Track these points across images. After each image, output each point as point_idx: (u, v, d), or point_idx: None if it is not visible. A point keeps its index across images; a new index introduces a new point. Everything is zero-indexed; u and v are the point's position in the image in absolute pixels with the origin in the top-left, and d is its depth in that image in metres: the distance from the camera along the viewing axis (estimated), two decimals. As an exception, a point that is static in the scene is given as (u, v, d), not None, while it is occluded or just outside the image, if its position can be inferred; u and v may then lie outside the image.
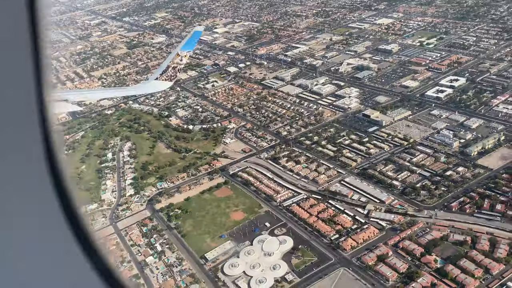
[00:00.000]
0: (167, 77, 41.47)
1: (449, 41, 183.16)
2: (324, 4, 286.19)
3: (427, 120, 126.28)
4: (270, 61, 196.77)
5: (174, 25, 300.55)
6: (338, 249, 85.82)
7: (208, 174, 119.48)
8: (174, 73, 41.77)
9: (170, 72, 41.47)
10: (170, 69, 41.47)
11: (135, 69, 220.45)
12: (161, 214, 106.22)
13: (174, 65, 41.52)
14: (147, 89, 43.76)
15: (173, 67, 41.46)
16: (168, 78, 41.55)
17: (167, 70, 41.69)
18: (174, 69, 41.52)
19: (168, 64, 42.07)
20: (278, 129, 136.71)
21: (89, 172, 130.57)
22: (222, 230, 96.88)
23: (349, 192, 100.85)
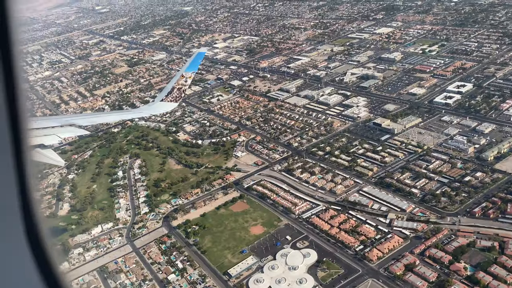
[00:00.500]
0: (173, 98, 42.37)
1: (451, 48, 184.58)
2: (321, 16, 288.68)
3: (439, 127, 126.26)
4: (273, 74, 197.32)
5: (173, 42, 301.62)
6: (365, 260, 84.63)
7: (222, 188, 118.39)
8: (179, 94, 42.67)
9: (176, 93, 42.36)
10: (175, 90, 42.36)
11: (138, 86, 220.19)
12: (179, 231, 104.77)
13: (179, 86, 42.48)
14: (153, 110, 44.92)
15: (178, 88, 42.38)
16: (174, 99, 42.48)
17: (172, 91, 42.52)
18: (179, 90, 42.43)
19: (173, 85, 42.75)
20: (288, 140, 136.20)
21: (101, 191, 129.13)
22: (242, 245, 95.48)
23: (368, 201, 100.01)
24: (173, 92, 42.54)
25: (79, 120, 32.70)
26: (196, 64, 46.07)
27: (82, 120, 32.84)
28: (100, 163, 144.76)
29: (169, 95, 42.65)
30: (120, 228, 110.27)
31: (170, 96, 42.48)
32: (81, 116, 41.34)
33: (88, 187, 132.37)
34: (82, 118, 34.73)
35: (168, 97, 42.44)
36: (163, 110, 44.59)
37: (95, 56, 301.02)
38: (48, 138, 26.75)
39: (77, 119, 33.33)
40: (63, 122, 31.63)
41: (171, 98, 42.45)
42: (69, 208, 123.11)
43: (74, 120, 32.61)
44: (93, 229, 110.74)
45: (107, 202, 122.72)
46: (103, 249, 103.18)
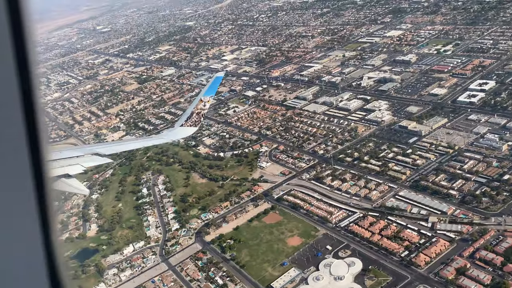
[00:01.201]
0: (192, 123, 43.08)
1: (466, 47, 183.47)
2: (327, 23, 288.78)
3: (467, 126, 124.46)
4: (287, 82, 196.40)
5: (180, 56, 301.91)
6: (412, 266, 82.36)
7: (251, 200, 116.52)
8: (199, 118, 43.39)
9: (195, 117, 43.12)
10: (195, 115, 43.10)
11: (150, 102, 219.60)
12: (213, 246, 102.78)
13: (198, 111, 43.18)
14: (174, 136, 44.42)
15: (197, 112, 43.10)
16: (193, 123, 43.19)
17: (192, 116, 43.21)
18: (198, 115, 43.15)
19: (192, 110, 43.45)
20: (313, 148, 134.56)
21: (128, 210, 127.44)
22: (282, 257, 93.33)
23: (407, 206, 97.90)
24: (192, 117, 43.24)
25: (101, 149, 33.30)
26: (214, 88, 46.62)
27: (105, 149, 33.27)
28: (123, 182, 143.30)
29: (189, 120, 43.34)
30: (152, 246, 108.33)
31: (190, 121, 43.19)
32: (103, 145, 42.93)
33: (113, 206, 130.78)
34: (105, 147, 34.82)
35: (187, 122, 43.19)
36: (184, 135, 45.09)
37: (103, 75, 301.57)
38: (73, 168, 27.48)
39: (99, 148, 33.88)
40: (86, 151, 32.41)
41: (190, 123, 43.18)
42: (97, 228, 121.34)
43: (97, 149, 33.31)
44: (124, 249, 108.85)
45: (135, 220, 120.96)
46: (138, 269, 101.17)
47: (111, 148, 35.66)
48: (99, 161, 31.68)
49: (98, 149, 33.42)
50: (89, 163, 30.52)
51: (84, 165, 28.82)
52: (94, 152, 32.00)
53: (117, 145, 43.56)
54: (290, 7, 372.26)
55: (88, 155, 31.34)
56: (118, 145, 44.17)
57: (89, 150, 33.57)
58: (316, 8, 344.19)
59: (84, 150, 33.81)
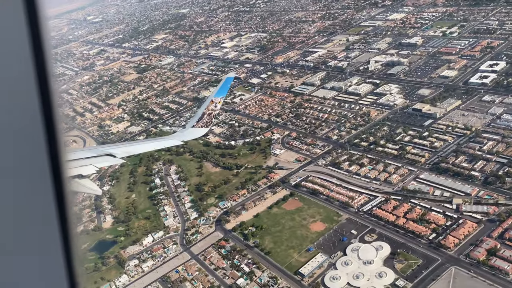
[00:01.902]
0: (203, 124, 42.91)
1: (471, 28, 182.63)
2: (327, 7, 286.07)
3: (481, 107, 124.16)
4: (292, 68, 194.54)
5: (178, 45, 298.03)
6: (441, 248, 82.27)
7: (268, 188, 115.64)
8: (210, 119, 43.21)
9: (206, 118, 42.91)
10: (206, 116, 42.87)
11: (152, 92, 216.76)
12: (235, 233, 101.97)
13: (209, 112, 42.96)
14: (185, 137, 43.68)
15: (208, 113, 42.86)
16: (204, 124, 43.01)
17: (203, 117, 42.97)
18: (209, 116, 42.95)
19: (204, 111, 43.21)
20: (326, 134, 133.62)
21: (142, 201, 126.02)
22: (306, 243, 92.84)
23: (429, 188, 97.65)
24: (203, 118, 42.99)
25: (114, 149, 33.42)
26: (225, 89, 46.32)
27: (117, 150, 33.35)
28: (134, 172, 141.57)
29: (200, 121, 43.09)
30: (172, 236, 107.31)
31: (201, 122, 42.97)
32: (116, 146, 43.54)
33: (127, 198, 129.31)
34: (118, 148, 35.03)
35: (199, 123, 42.98)
36: (195, 136, 44.48)
37: (100, 66, 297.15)
38: (86, 168, 27.71)
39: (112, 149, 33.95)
40: (99, 152, 32.50)
41: (201, 124, 42.95)
42: (112, 220, 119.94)
43: (109, 150, 33.48)
44: (143, 239, 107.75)
45: (151, 210, 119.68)
46: (159, 259, 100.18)
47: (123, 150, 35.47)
48: (112, 161, 32.04)
49: (110, 150, 33.67)
50: (102, 164, 30.93)
51: (97, 165, 29.16)
52: (107, 153, 32.24)
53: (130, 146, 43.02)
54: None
55: (101, 156, 31.47)
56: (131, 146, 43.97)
57: (102, 151, 33.70)
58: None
59: (97, 151, 33.89)
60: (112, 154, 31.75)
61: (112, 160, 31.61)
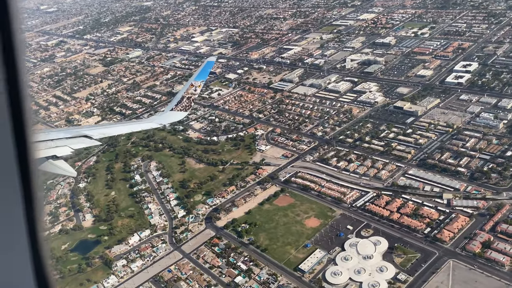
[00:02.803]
0: (182, 107, 42.85)
1: (441, 30, 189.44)
2: (297, 5, 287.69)
3: (460, 106, 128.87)
4: (269, 65, 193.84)
5: (145, 38, 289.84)
6: (437, 242, 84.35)
7: (257, 184, 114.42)
8: (189, 103, 43.09)
9: (185, 102, 42.82)
10: (185, 99, 42.75)
11: (122, 86, 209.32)
12: (227, 231, 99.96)
13: (189, 95, 42.79)
14: (164, 120, 44.12)
15: (188, 97, 42.72)
16: (183, 108, 42.96)
17: (182, 100, 42.82)
18: (188, 99, 42.80)
19: (183, 94, 42.92)
20: (310, 130, 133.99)
21: (123, 198, 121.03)
22: (303, 239, 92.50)
23: (419, 184, 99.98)
24: (182, 101, 42.77)
25: (89, 131, 32.75)
26: (205, 73, 45.56)
27: (93, 131, 32.65)
28: (111, 169, 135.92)
29: (179, 104, 42.81)
30: (160, 235, 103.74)
31: (180, 105, 42.72)
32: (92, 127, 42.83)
33: (106, 195, 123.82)
34: (93, 129, 34.28)
35: (178, 106, 42.69)
36: (174, 119, 44.31)
37: (61, 58, 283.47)
38: (61, 149, 26.91)
39: (87, 130, 33.41)
40: (74, 133, 31.58)
41: (181, 107, 42.72)
42: (93, 218, 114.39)
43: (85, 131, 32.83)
44: (129, 239, 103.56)
45: (134, 208, 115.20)
46: (149, 258, 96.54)
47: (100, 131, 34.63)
48: (87, 143, 31.04)
49: (86, 131, 32.69)
50: (77, 145, 29.70)
51: (73, 146, 28.07)
52: (83, 134, 31.31)
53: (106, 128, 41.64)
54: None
55: (77, 137, 30.47)
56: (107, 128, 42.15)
57: (77, 131, 32.74)
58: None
59: (72, 131, 32.76)
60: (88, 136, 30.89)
61: (88, 142, 30.62)
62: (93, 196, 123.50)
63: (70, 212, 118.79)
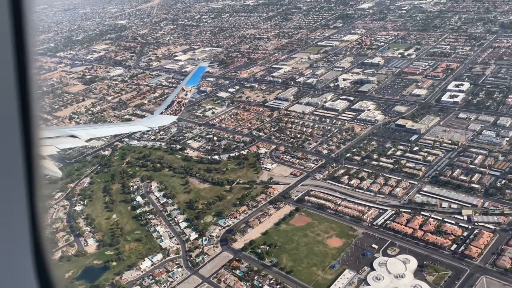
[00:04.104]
0: (172, 111, 42.09)
1: (426, 51, 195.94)
2: (278, 26, 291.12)
3: (460, 123, 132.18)
4: (261, 83, 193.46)
5: (125, 56, 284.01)
6: (465, 258, 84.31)
7: (269, 203, 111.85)
8: (179, 107, 42.40)
9: (175, 106, 42.18)
10: (175, 103, 42.08)
11: (107, 104, 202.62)
12: (246, 253, 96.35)
13: (179, 100, 42.22)
14: (153, 123, 43.27)
15: (178, 101, 42.12)
16: (173, 112, 42.20)
17: (172, 104, 42.13)
18: (179, 104, 42.19)
19: (173, 98, 42.27)
20: (315, 148, 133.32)
21: (126, 221, 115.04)
22: (328, 259, 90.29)
23: (436, 201, 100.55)
24: (173, 105, 42.02)
25: (76, 131, 31.58)
26: (197, 78, 45.11)
27: (80, 132, 31.50)
28: (108, 190, 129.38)
29: (169, 108, 42.07)
30: (173, 259, 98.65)
31: (170, 109, 41.97)
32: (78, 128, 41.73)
33: (107, 218, 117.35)
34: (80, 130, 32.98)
35: (167, 110, 41.95)
36: (163, 123, 43.98)
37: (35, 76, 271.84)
38: (46, 148, 25.79)
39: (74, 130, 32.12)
40: (61, 133, 30.55)
41: (170, 111, 41.99)
42: (96, 243, 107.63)
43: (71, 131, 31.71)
44: (140, 264, 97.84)
45: (141, 232, 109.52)
46: (165, 284, 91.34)
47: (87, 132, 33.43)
48: (74, 143, 30.34)
49: (73, 131, 31.53)
50: (64, 145, 28.88)
51: (59, 146, 26.91)
52: (69, 134, 30.22)
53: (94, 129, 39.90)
54: (232, 10, 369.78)
55: (63, 136, 29.33)
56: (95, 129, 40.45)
57: (64, 131, 31.65)
58: (259, 11, 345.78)
59: (58, 131, 31.58)
60: (75, 136, 29.98)
61: (75, 142, 29.99)
62: (94, 220, 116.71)
63: (70, 237, 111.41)
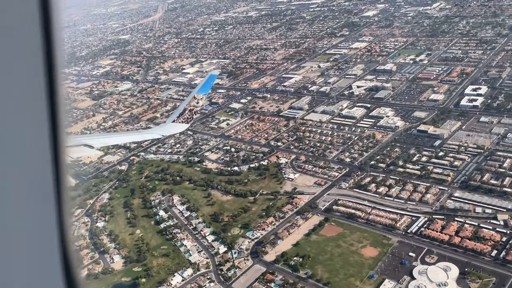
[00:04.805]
0: (184, 119, 42.24)
1: (438, 56, 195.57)
2: (284, 36, 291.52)
3: (482, 127, 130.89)
4: (273, 93, 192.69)
5: (131, 70, 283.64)
6: (508, 264, 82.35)
7: (297, 214, 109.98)
8: (191, 115, 42.59)
9: (187, 114, 42.32)
10: (187, 111, 42.21)
11: (119, 119, 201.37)
12: (278, 265, 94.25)
13: (191, 108, 42.33)
14: (165, 131, 43.96)
15: (190, 109, 42.23)
16: (185, 120, 42.35)
17: (184, 112, 42.29)
18: (190, 112, 42.32)
19: (185, 106, 42.47)
20: (337, 156, 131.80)
21: (151, 236, 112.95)
22: (365, 270, 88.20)
23: (469, 206, 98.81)
24: (184, 114, 42.14)
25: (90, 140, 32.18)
26: (208, 86, 45.33)
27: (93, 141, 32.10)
28: (129, 205, 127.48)
29: (181, 116, 42.24)
30: (204, 273, 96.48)
31: (182, 117, 42.11)
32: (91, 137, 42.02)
33: (131, 234, 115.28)
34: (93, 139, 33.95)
35: (179, 118, 42.10)
36: (175, 131, 44.60)
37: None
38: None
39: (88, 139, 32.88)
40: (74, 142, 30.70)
41: (182, 119, 42.13)
42: (123, 260, 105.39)
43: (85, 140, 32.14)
44: (170, 279, 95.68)
45: (168, 246, 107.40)
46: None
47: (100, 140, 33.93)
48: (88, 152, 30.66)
49: (86, 140, 31.90)
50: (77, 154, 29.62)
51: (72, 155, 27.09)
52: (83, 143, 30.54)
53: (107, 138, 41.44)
54: (235, 21, 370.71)
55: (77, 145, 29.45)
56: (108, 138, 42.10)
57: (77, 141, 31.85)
58: (263, 22, 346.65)
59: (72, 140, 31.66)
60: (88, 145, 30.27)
61: (88, 151, 30.39)
62: (117, 236, 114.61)
63: (95, 255, 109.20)
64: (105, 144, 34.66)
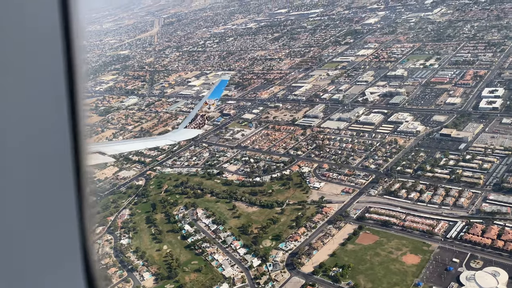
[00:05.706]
0: (196, 125, 41.99)
1: (448, 60, 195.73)
2: (287, 46, 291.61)
3: (506, 129, 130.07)
4: (285, 103, 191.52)
5: (136, 85, 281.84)
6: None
7: (328, 223, 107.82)
8: (203, 121, 42.41)
9: (199, 120, 42.12)
10: (199, 117, 42.01)
11: (129, 134, 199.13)
12: (318, 277, 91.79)
13: (203, 113, 42.26)
14: (178, 137, 44.20)
15: (202, 115, 42.11)
16: (197, 126, 42.13)
17: (196, 118, 42.10)
18: (202, 117, 42.18)
19: (197, 112, 42.43)
20: (361, 163, 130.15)
21: (179, 251, 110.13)
22: (409, 278, 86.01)
23: (507, 209, 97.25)
24: (196, 119, 41.94)
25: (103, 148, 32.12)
26: (219, 91, 45.44)
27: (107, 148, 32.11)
28: (152, 221, 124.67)
29: (193, 122, 41.99)
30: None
31: (194, 123, 41.86)
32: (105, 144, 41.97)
33: (158, 250, 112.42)
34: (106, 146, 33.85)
35: (191, 124, 41.81)
36: (187, 137, 43.80)
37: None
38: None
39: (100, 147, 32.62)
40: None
41: (194, 125, 41.88)
42: (153, 277, 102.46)
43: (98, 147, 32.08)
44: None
45: (198, 261, 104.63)
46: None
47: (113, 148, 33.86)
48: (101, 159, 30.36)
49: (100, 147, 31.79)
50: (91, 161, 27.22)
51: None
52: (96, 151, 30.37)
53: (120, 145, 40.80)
54: (235, 33, 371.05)
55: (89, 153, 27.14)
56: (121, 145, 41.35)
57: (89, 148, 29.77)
58: (264, 33, 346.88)
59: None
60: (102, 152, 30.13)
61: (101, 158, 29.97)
62: (144, 252, 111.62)
63: (123, 273, 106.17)
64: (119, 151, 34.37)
